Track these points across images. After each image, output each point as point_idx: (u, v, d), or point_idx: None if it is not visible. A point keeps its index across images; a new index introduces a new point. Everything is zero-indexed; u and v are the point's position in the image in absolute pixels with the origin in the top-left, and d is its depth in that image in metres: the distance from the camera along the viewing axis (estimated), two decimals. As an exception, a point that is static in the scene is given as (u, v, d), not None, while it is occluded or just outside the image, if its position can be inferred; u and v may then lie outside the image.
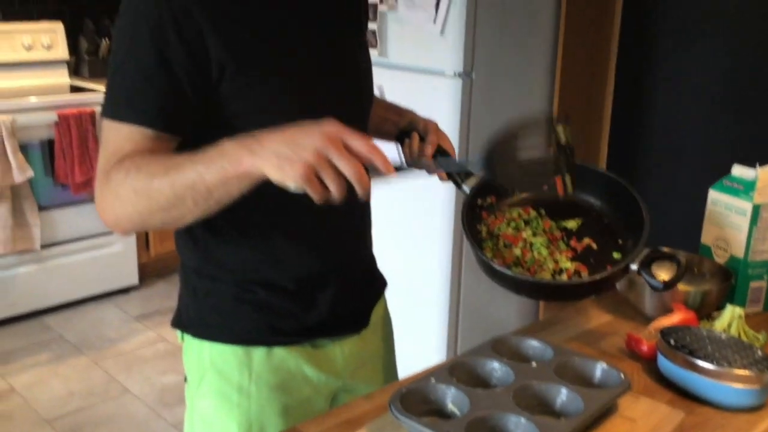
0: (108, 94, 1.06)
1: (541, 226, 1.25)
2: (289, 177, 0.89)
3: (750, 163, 1.42)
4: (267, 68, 1.08)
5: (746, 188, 1.39)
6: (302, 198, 0.93)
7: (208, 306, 1.20)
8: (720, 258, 1.43)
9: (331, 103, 1.17)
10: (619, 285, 1.40)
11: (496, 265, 1.15)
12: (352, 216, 1.25)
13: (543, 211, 1.28)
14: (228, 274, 1.18)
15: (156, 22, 1.01)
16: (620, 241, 1.23)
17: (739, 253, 1.40)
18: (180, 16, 1.01)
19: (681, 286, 1.39)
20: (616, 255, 1.21)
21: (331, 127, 0.91)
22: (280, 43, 1.10)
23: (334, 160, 0.89)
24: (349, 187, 0.91)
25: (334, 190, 0.90)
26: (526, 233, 1.23)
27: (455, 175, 1.29)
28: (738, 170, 1.43)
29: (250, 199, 0.98)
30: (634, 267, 1.14)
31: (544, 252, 1.20)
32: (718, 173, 1.48)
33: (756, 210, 1.37)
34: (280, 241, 1.12)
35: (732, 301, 1.37)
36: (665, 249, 1.48)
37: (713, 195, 1.44)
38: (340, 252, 1.23)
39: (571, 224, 1.26)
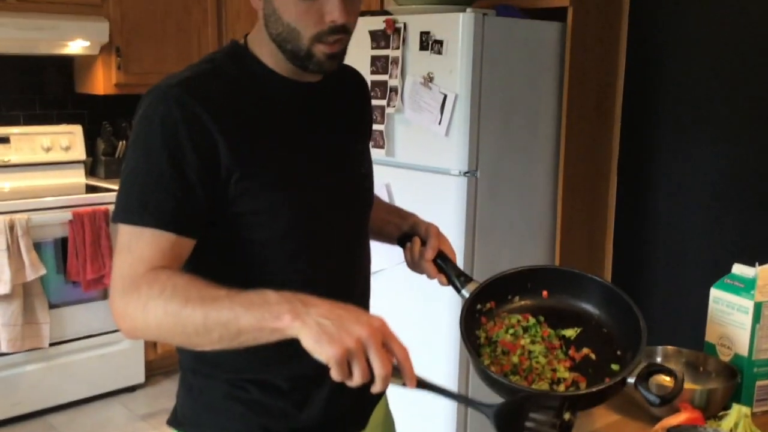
0: (122, 200, 1.09)
1: (539, 333, 1.24)
2: (324, 352, 0.91)
3: (750, 262, 1.44)
4: (270, 175, 1.13)
5: (747, 286, 1.40)
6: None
7: (202, 404, 1.20)
8: (725, 356, 1.43)
9: (330, 206, 1.21)
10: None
11: (493, 373, 1.15)
12: None
13: (542, 318, 1.28)
14: (221, 372, 1.18)
15: (171, 130, 1.06)
16: (619, 352, 1.22)
17: (744, 351, 1.39)
18: (194, 126, 1.07)
19: (687, 385, 1.38)
20: (614, 367, 1.19)
21: (377, 323, 0.94)
22: (284, 152, 1.16)
23: (370, 354, 0.92)
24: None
25: (357, 379, 0.92)
26: (525, 341, 1.22)
27: (455, 280, 1.31)
28: (738, 269, 1.44)
29: None
30: (630, 381, 1.12)
31: (542, 360, 1.19)
32: (720, 272, 1.50)
33: (758, 308, 1.38)
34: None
35: (739, 400, 1.36)
36: (670, 347, 1.49)
37: (715, 293, 1.45)
38: None
39: (570, 333, 1.26)
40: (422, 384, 0.98)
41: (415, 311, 2.70)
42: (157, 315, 1.00)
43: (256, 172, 1.11)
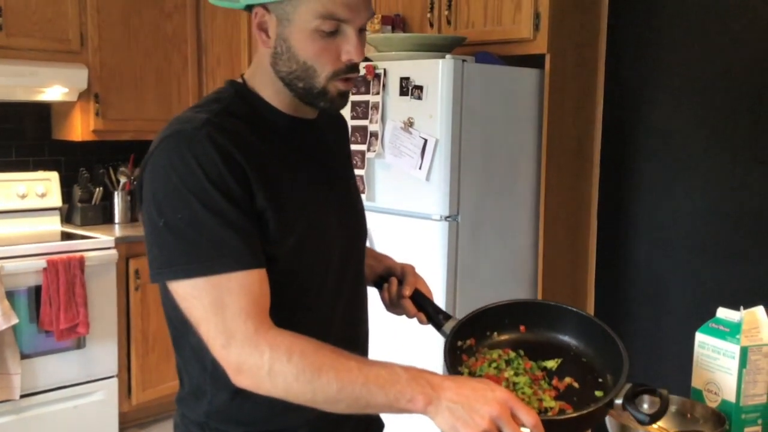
0: (184, 253, 1.04)
1: (522, 365, 1.25)
2: None
3: (732, 305, 1.43)
4: (295, 210, 1.14)
5: (733, 330, 1.39)
6: None
7: None
8: (712, 402, 1.41)
9: (343, 237, 1.24)
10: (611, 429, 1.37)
11: None
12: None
13: (522, 352, 1.28)
14: (236, 426, 1.15)
15: (213, 169, 1.04)
16: (601, 380, 1.23)
17: (731, 397, 1.37)
18: (231, 163, 1.06)
19: (675, 433, 1.36)
20: (598, 393, 1.20)
21: (503, 396, 0.99)
22: (301, 186, 1.17)
23: (504, 429, 0.97)
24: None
25: None
26: (508, 373, 1.22)
27: (435, 317, 1.31)
28: (723, 312, 1.43)
29: None
30: (618, 401, 1.13)
31: (528, 391, 1.19)
32: (703, 315, 1.49)
33: (744, 352, 1.36)
34: None
35: (728, 448, 1.34)
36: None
37: (700, 338, 1.43)
38: None
39: (551, 364, 1.26)
40: None
41: (408, 351, 2.65)
42: (286, 380, 1.00)
43: (283, 207, 1.12)
